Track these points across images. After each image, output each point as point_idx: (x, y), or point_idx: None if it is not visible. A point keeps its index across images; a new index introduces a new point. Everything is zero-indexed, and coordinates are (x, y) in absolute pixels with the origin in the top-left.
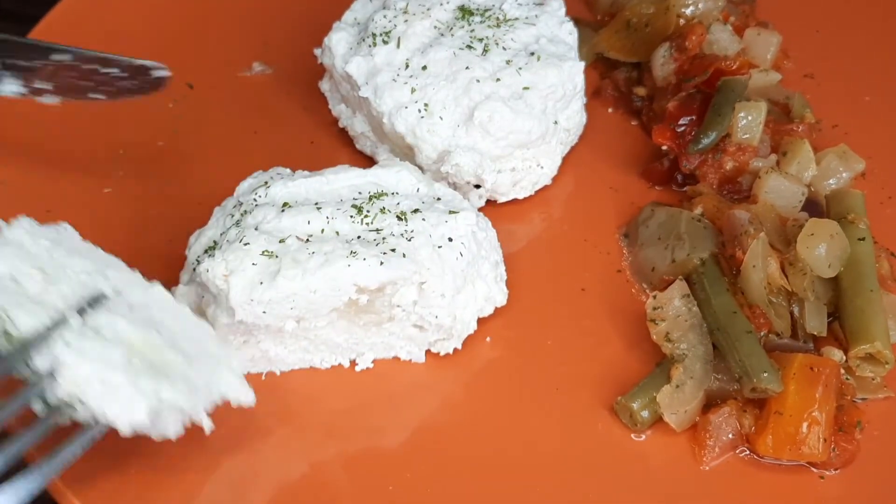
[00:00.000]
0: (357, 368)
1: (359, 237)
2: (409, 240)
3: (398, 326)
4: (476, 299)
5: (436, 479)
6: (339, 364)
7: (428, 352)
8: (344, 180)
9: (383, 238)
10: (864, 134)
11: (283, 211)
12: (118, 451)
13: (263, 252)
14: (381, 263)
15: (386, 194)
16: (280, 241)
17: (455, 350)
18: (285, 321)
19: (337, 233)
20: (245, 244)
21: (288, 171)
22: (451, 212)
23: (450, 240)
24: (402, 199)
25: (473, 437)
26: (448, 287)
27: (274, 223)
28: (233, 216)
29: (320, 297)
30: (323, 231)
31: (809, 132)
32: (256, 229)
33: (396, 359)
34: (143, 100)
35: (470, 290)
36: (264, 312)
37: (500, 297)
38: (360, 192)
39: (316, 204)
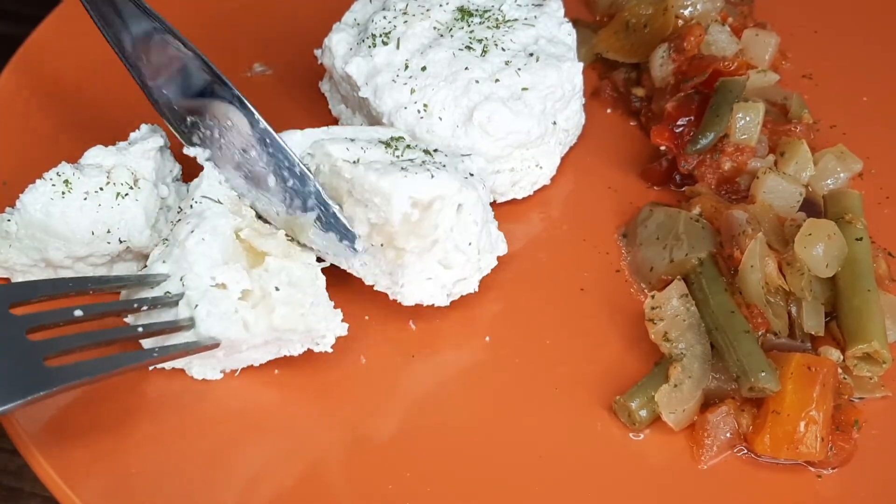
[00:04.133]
0: (318, 348)
1: (393, 164)
2: (443, 166)
3: (430, 259)
4: (491, 238)
5: (435, 479)
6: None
7: (428, 349)
8: (353, 132)
9: (423, 162)
10: (861, 134)
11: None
12: (119, 449)
13: None
14: (432, 177)
15: (402, 137)
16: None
17: (469, 292)
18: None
19: (371, 162)
20: None
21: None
22: (463, 154)
23: (471, 174)
24: (417, 140)
25: (473, 437)
26: (479, 214)
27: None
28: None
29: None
30: (358, 160)
31: (807, 132)
32: None
33: (392, 358)
34: (143, 100)
35: (486, 228)
36: None
37: (502, 246)
38: (373, 138)
39: (346, 137)
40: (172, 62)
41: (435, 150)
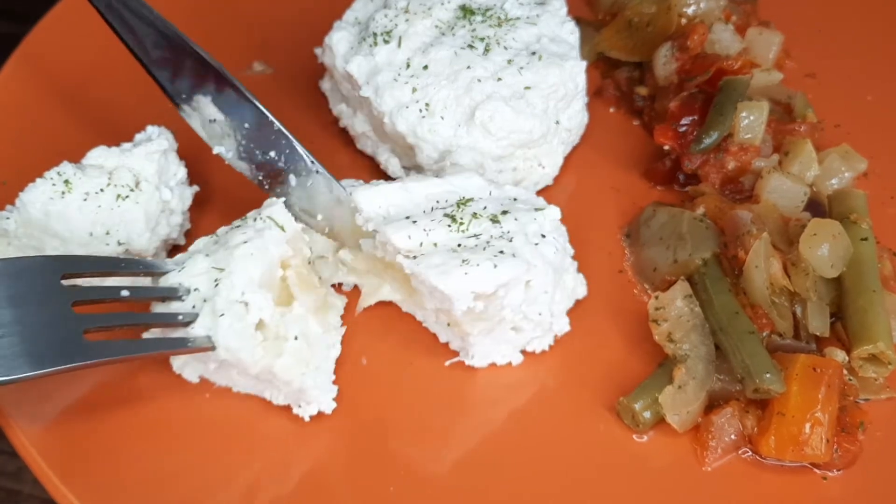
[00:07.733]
0: (297, 411)
1: (460, 245)
2: (510, 240)
3: (500, 331)
4: (566, 292)
5: (436, 480)
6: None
7: (428, 353)
8: (423, 189)
9: (487, 242)
10: (866, 133)
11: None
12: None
13: None
14: (495, 266)
15: (471, 199)
16: None
17: (549, 347)
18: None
19: (435, 244)
20: None
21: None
22: (536, 209)
23: (542, 236)
24: (486, 202)
25: (474, 438)
26: (549, 282)
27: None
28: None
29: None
30: (422, 244)
31: (811, 132)
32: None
33: (392, 363)
34: (143, 100)
35: (561, 284)
36: None
37: (581, 288)
38: (437, 202)
39: (408, 217)
40: (189, 67)
41: (504, 213)
